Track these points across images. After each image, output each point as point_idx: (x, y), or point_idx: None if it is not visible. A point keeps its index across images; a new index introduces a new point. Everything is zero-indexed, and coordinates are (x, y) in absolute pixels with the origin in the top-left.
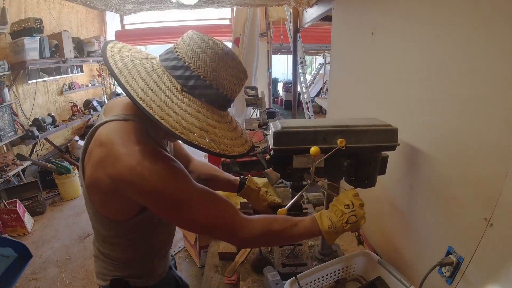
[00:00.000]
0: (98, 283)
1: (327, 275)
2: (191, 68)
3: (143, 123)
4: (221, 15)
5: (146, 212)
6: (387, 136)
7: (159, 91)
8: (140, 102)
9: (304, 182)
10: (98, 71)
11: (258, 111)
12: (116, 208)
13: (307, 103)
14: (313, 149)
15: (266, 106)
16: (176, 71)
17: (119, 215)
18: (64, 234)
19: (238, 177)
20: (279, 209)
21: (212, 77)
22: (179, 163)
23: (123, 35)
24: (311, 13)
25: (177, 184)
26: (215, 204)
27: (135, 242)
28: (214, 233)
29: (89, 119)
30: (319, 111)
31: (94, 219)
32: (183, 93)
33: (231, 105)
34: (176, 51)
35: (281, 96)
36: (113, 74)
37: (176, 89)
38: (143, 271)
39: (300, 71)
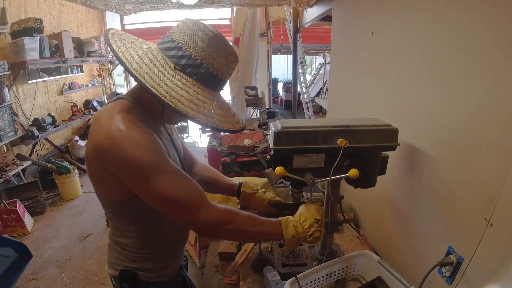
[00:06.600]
0: (109, 273)
1: (327, 275)
2: (183, 49)
3: (136, 105)
4: (221, 15)
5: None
6: (387, 136)
7: (153, 66)
8: (134, 72)
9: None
10: (98, 71)
11: (258, 111)
12: (108, 185)
13: (307, 103)
14: (278, 169)
15: (266, 106)
16: (170, 52)
17: (115, 194)
18: (64, 234)
19: (238, 183)
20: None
21: (202, 56)
22: (158, 139)
23: None
24: (311, 13)
25: (149, 152)
26: (185, 180)
27: (144, 233)
28: (175, 210)
29: (89, 119)
30: (319, 111)
31: (101, 203)
32: (176, 71)
33: (223, 88)
34: (171, 35)
35: (281, 96)
36: (112, 50)
37: (169, 67)
38: (153, 266)
39: (300, 71)
